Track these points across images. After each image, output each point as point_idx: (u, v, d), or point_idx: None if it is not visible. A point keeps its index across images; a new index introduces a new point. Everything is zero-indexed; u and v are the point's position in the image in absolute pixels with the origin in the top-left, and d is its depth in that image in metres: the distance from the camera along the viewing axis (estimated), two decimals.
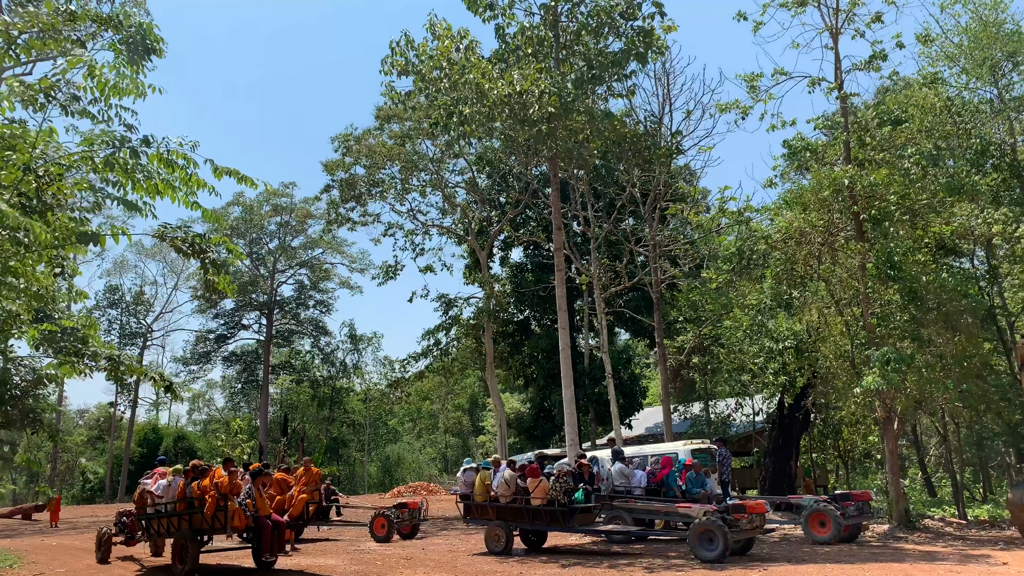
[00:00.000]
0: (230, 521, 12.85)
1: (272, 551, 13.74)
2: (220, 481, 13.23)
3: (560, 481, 15.42)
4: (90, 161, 6.78)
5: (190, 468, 14.25)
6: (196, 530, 13.36)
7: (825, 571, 11.82)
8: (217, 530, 13.14)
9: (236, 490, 13.26)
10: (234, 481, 13.27)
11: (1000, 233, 18.95)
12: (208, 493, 13.16)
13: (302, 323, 69.92)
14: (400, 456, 73.76)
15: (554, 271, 32.74)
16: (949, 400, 17.03)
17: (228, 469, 13.64)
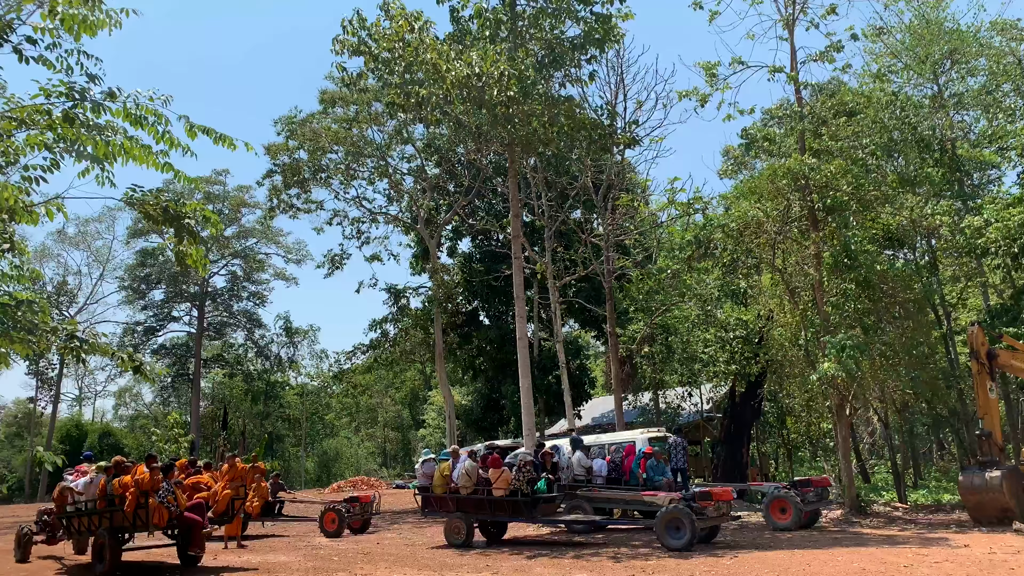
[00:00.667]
0: (151, 518, 12.56)
1: (196, 548, 13.61)
2: (140, 478, 12.79)
3: (523, 471, 15.08)
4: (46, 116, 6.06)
5: (112, 465, 13.76)
6: (117, 528, 12.99)
7: (795, 557, 11.79)
8: (139, 528, 12.85)
9: (156, 487, 12.88)
10: (155, 477, 12.87)
11: (947, 224, 19.39)
12: (128, 490, 12.73)
13: (235, 315, 68.05)
14: (338, 451, 72.45)
15: (505, 261, 32.51)
16: (900, 387, 17.34)
17: (150, 466, 13.17)
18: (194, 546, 13.53)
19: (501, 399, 34.77)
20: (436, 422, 69.92)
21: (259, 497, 19.87)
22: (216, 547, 17.35)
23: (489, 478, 15.26)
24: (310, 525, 22.09)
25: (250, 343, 69.93)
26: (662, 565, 11.69)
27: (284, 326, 73.54)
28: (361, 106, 29.07)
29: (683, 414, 29.44)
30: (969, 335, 16.62)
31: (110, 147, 6.38)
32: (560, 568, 12.03)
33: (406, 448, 75.89)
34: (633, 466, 16.53)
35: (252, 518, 19.87)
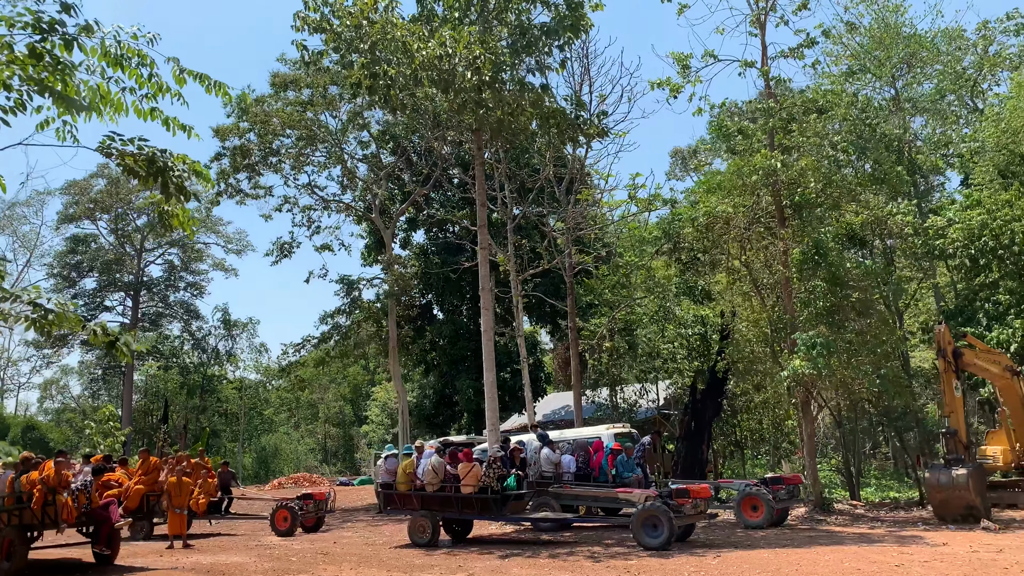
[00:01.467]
0: (59, 515, 12.20)
1: (106, 545, 13.30)
2: (47, 475, 12.40)
3: (493, 467, 14.52)
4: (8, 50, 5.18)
5: (20, 461, 13.47)
6: (25, 526, 12.57)
7: (781, 557, 11.52)
8: (47, 525, 12.54)
9: (64, 483, 12.48)
10: (62, 473, 12.46)
11: (910, 224, 19.53)
12: (36, 487, 12.32)
13: (171, 306, 65.68)
14: (277, 447, 70.58)
15: (461, 253, 31.82)
16: (866, 384, 17.33)
17: (56, 461, 12.79)
18: (102, 544, 13.26)
19: (453, 395, 34.05)
20: (380, 418, 68.77)
21: (205, 494, 18.87)
22: (159, 546, 16.34)
23: (458, 474, 14.65)
24: (258, 523, 21.12)
25: (187, 335, 67.61)
26: (645, 565, 11.27)
27: (222, 318, 71.37)
28: (316, 89, 28.00)
29: (639, 410, 29.26)
30: (936, 334, 16.70)
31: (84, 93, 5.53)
32: (538, 568, 11.52)
33: (348, 445, 74.40)
34: (603, 462, 16.11)
35: (198, 516, 18.87)
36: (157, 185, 6.95)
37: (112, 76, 5.78)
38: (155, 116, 6.43)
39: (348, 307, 28.82)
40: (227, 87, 6.58)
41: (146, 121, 6.48)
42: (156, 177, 6.91)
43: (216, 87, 6.49)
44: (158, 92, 6.11)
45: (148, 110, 6.33)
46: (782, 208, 19.38)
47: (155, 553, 15.49)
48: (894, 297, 18.34)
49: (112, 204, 60.65)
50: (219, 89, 6.53)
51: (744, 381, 20.48)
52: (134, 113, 6.25)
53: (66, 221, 60.39)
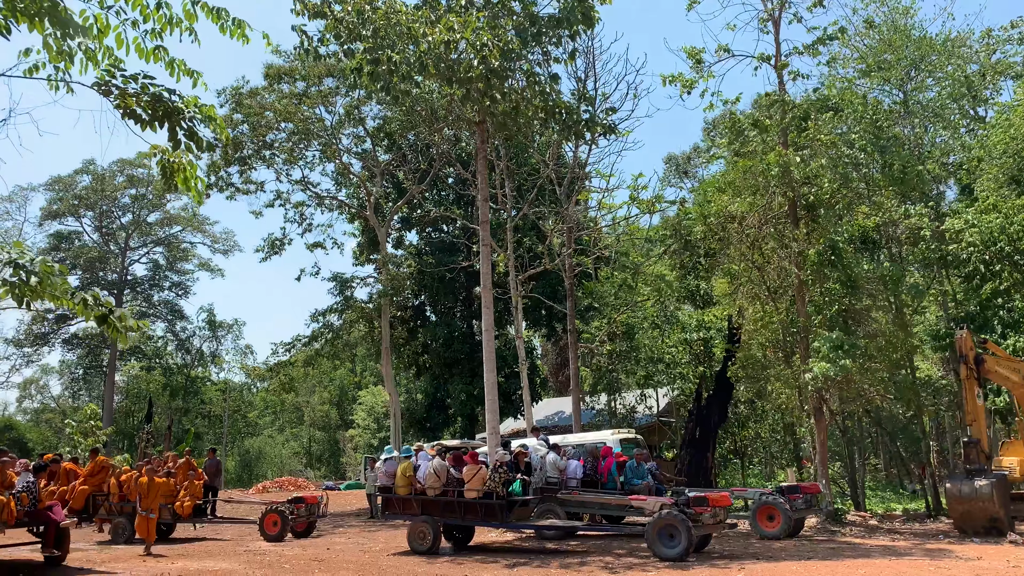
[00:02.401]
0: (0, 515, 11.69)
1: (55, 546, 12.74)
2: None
3: (498, 471, 13.75)
4: None
5: None
6: None
7: (811, 570, 10.82)
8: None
9: (8, 483, 12.14)
10: (6, 472, 12.18)
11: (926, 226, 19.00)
12: None
13: (155, 305, 64.44)
14: (261, 450, 69.36)
15: (457, 252, 31.13)
16: (880, 390, 16.74)
17: (1, 461, 12.35)
18: (50, 545, 12.74)
19: (446, 399, 33.30)
20: (366, 423, 67.70)
21: (191, 496, 17.98)
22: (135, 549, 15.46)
23: (461, 478, 13.87)
24: (245, 528, 20.23)
25: (170, 335, 66.39)
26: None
27: (207, 319, 70.24)
28: (311, 80, 27.22)
29: (638, 417, 28.59)
30: (958, 339, 16.11)
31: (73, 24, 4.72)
32: None
33: (333, 449, 73.20)
34: (611, 468, 15.38)
35: (183, 519, 17.97)
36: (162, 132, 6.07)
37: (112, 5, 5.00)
38: (158, 57, 5.62)
39: (340, 306, 27.96)
40: (247, 26, 5.75)
41: (148, 63, 5.67)
42: (163, 122, 6.04)
43: (235, 26, 5.64)
44: (166, 27, 5.28)
45: (151, 49, 5.51)
46: (795, 208, 18.81)
47: (136, 557, 14.61)
48: (914, 299, 17.77)
49: (97, 201, 59.63)
50: (238, 30, 5.69)
51: (754, 386, 19.83)
52: (135, 52, 5.44)
53: (49, 217, 59.25)
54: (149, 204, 61.80)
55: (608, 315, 26.32)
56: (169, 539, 18.79)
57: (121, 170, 59.87)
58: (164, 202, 61.88)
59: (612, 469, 15.34)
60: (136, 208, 61.89)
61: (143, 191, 60.86)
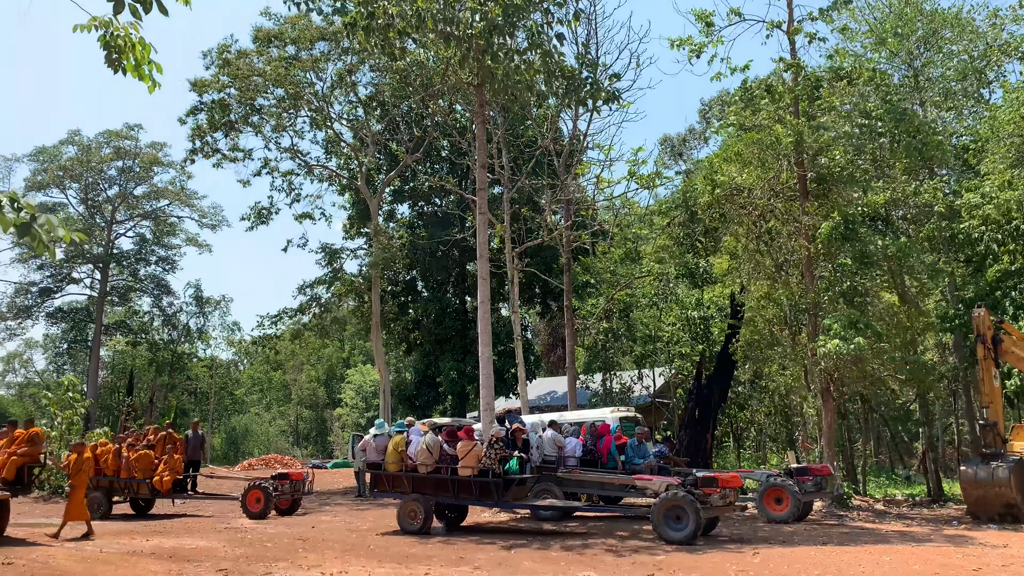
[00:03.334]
0: None
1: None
2: None
3: (494, 447, 13.00)
4: None
5: None
6: None
7: (830, 556, 10.14)
8: None
9: None
10: None
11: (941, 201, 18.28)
12: None
13: (142, 280, 63.30)
14: (248, 428, 68.57)
15: (449, 227, 30.23)
16: (893, 371, 16.07)
17: None
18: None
19: (436, 376, 32.55)
20: (354, 401, 67.02)
21: (170, 471, 17.19)
22: (118, 527, 14.68)
23: (455, 454, 13.12)
24: (228, 505, 19.46)
25: (157, 311, 65.31)
26: (678, 562, 9.84)
27: (194, 295, 69.24)
28: (303, 43, 26.16)
29: (634, 397, 27.92)
30: (976, 318, 15.45)
31: None
32: (552, 563, 10.04)
33: (321, 428, 72.50)
34: (612, 447, 14.67)
35: (162, 495, 17.20)
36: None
37: None
38: None
39: (329, 277, 27.06)
40: None
41: None
42: None
43: None
44: None
45: None
46: (805, 181, 18.04)
47: (110, 535, 13.83)
48: (930, 278, 17.10)
49: (82, 173, 58.38)
50: None
51: (759, 365, 19.14)
52: None
53: (34, 188, 57.90)
54: (136, 177, 60.61)
55: (605, 292, 25.55)
56: (148, 515, 18.05)
57: (108, 141, 58.63)
58: (151, 175, 60.78)
59: (612, 448, 14.61)
60: (123, 180, 60.62)
61: (130, 163, 59.69)
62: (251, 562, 10.32)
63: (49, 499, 22.34)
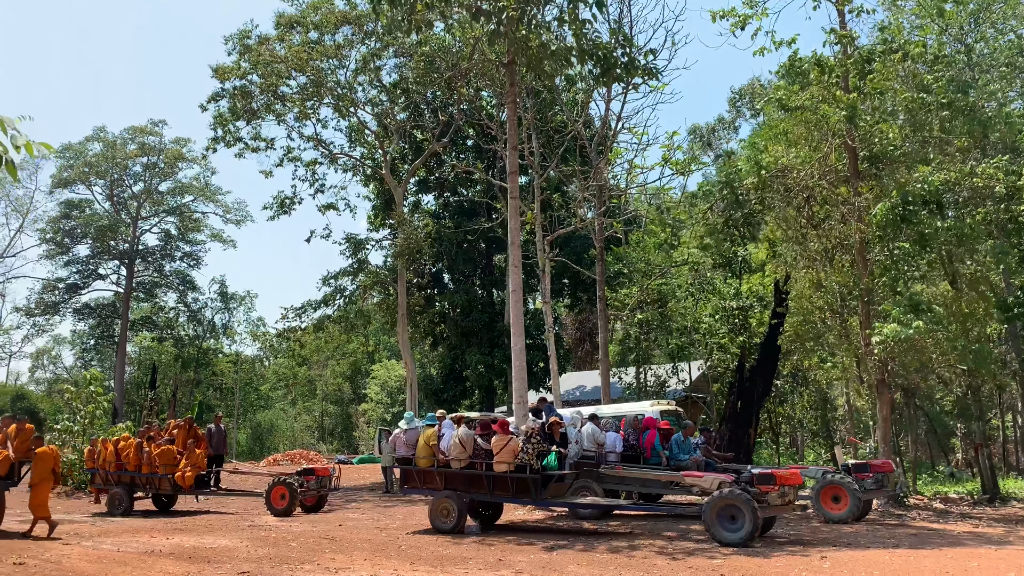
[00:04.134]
0: None
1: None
2: None
3: (532, 441, 12.18)
4: None
5: None
6: None
7: (906, 560, 9.22)
8: None
9: None
10: None
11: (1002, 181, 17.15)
12: None
13: (167, 276, 63.35)
14: (273, 423, 68.34)
15: (476, 217, 29.50)
16: (955, 359, 15.01)
17: None
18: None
19: (463, 370, 31.82)
20: (379, 396, 66.53)
21: (192, 466, 16.57)
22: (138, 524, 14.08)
23: (490, 449, 12.31)
24: (252, 501, 18.86)
25: (182, 306, 65.34)
26: (740, 567, 8.96)
27: (219, 290, 69.26)
28: (326, 28, 25.47)
29: (668, 391, 26.96)
30: None
31: None
32: (599, 566, 9.21)
33: (346, 423, 72.11)
34: (655, 442, 13.78)
35: (184, 491, 16.59)
36: None
37: None
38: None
39: (354, 268, 26.37)
40: None
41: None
42: None
43: None
44: None
45: None
46: (856, 161, 17.01)
47: (129, 532, 13.23)
48: (997, 261, 16.02)
49: (108, 169, 58.48)
50: None
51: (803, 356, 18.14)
52: None
53: (60, 185, 58.07)
54: (160, 173, 60.64)
55: (639, 282, 24.61)
56: (170, 512, 17.48)
57: (132, 137, 58.69)
58: (176, 171, 60.83)
59: (656, 443, 13.73)
60: (147, 177, 60.65)
61: (154, 159, 59.72)
62: (274, 564, 9.59)
63: (72, 495, 21.97)
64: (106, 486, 17.25)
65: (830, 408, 26.04)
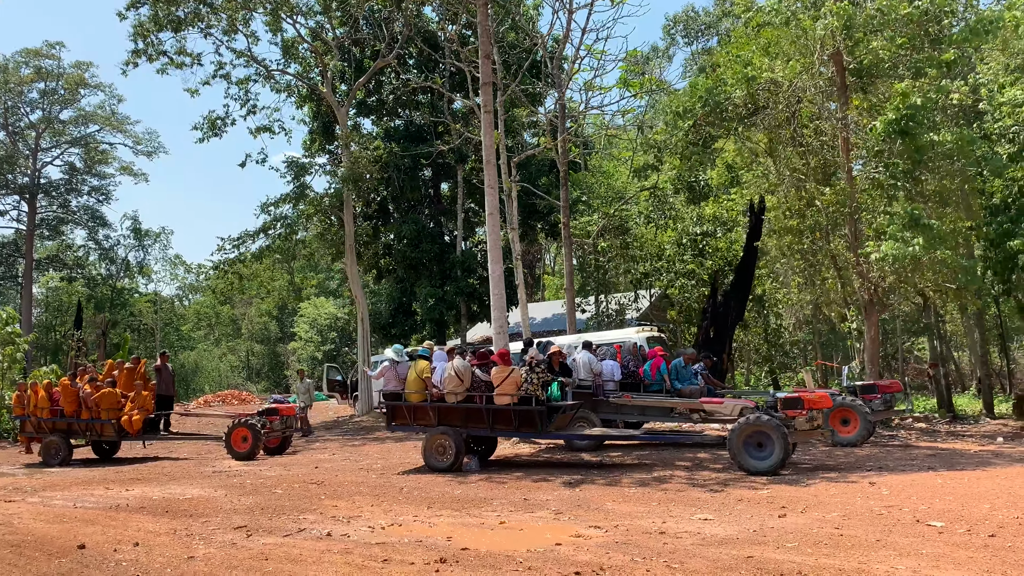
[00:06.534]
0: None
1: None
2: None
3: (537, 372, 11.21)
4: None
5: None
6: None
7: (957, 481, 8.73)
8: None
9: None
10: None
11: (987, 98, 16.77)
12: None
13: (74, 212, 59.13)
14: (197, 364, 65.62)
15: (425, 142, 27.76)
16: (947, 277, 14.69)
17: None
18: None
19: (411, 303, 30.49)
20: (309, 335, 64.53)
21: (139, 409, 15.03)
22: (81, 474, 12.59)
23: (490, 381, 11.28)
24: (203, 446, 17.49)
25: (92, 244, 61.33)
26: (788, 496, 8.30)
27: (132, 227, 65.29)
28: None
29: (627, 320, 26.41)
30: None
31: None
32: (639, 502, 8.39)
33: (274, 362, 69.89)
34: (660, 368, 13.03)
35: (131, 436, 15.06)
36: None
37: None
38: None
39: (296, 194, 24.45)
40: None
41: None
42: None
43: None
44: None
45: None
46: (844, 74, 16.27)
47: (79, 485, 11.75)
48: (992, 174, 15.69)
49: (1, 95, 53.54)
50: None
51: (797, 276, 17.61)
52: None
53: None
54: (61, 100, 55.98)
55: (600, 208, 23.67)
56: (114, 460, 15.93)
57: (26, 61, 53.74)
58: (78, 98, 56.23)
59: (661, 368, 12.98)
60: (46, 104, 55.89)
61: (53, 85, 55.02)
62: (270, 515, 8.41)
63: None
64: (39, 434, 15.53)
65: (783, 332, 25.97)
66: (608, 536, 6.67)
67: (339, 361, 56.35)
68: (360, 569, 5.85)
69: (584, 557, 5.91)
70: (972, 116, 19.31)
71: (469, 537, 6.83)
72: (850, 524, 6.72)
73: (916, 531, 6.37)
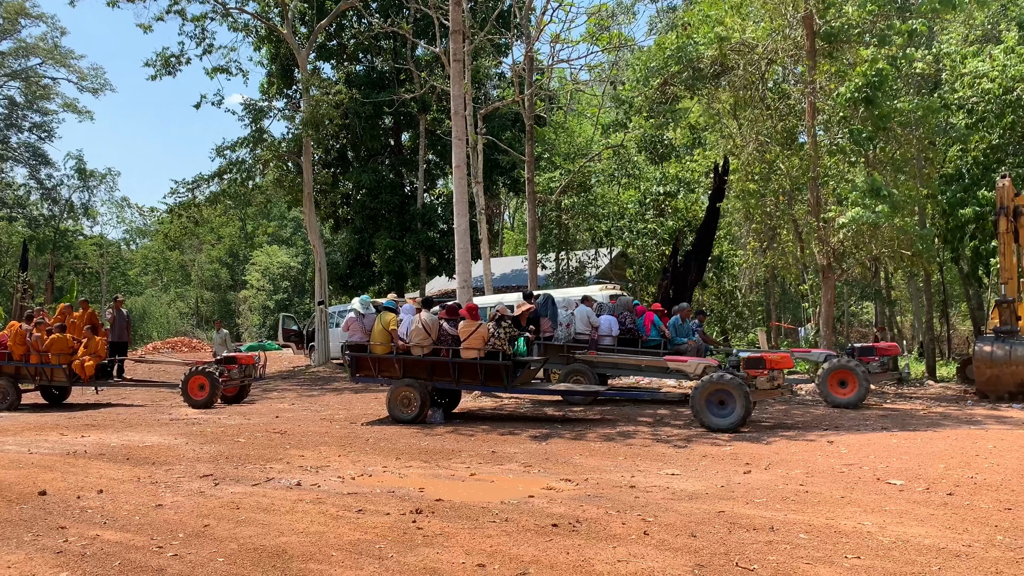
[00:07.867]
0: None
1: None
2: None
3: (503, 326, 11.21)
4: None
5: None
6: None
7: (908, 441, 9.03)
8: None
9: None
10: None
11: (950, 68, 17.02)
12: None
13: (14, 149, 56.85)
14: (145, 310, 64.17)
15: (387, 88, 27.18)
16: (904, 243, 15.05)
17: None
18: None
19: (369, 254, 30.17)
20: (261, 283, 63.59)
21: (92, 354, 14.67)
22: (33, 419, 12.28)
23: (457, 335, 11.26)
24: (156, 393, 17.17)
25: (34, 183, 59.15)
26: (750, 453, 8.51)
27: (76, 167, 63.04)
28: None
29: (588, 277, 26.56)
30: (999, 189, 14.45)
31: None
32: (605, 456, 8.52)
33: (225, 310, 68.76)
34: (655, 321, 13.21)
35: (84, 382, 14.70)
36: None
37: None
38: None
39: (253, 137, 23.75)
40: None
41: None
42: None
43: None
44: None
45: None
46: (814, 38, 16.34)
47: (31, 430, 11.47)
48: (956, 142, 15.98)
49: None
50: None
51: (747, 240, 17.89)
52: None
53: None
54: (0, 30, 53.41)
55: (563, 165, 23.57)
56: (64, 405, 15.56)
57: None
58: (18, 28, 53.63)
59: (657, 321, 13.15)
60: None
61: None
62: (235, 463, 8.33)
63: None
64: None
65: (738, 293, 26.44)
66: (580, 489, 6.76)
67: (292, 310, 55.74)
68: (335, 519, 5.83)
69: (558, 509, 5.98)
70: (932, 86, 19.65)
71: (442, 488, 6.86)
72: (814, 481, 6.92)
73: (878, 488, 6.59)
